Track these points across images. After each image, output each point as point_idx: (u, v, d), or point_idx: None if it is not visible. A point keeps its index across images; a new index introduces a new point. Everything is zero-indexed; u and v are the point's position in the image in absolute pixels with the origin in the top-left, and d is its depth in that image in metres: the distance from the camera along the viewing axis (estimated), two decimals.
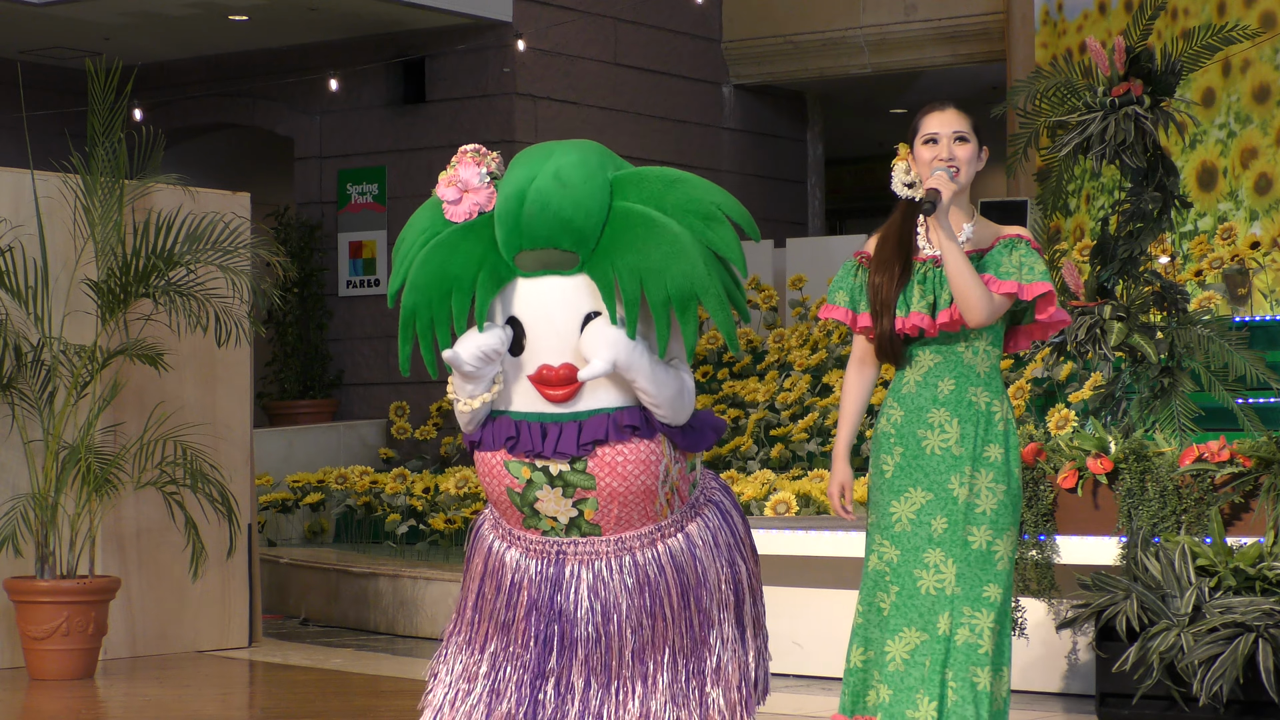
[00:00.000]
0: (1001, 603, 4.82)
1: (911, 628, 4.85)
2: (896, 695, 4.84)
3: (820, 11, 15.63)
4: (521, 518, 4.49)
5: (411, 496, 11.77)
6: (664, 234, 4.34)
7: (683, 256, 4.33)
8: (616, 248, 4.35)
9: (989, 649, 4.80)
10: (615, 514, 4.43)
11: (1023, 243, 4.89)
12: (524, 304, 4.41)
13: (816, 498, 9.42)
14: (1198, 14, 12.54)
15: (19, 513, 8.27)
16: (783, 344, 12.50)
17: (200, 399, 9.17)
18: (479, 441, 4.46)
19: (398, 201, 14.33)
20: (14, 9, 13.20)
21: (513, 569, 4.53)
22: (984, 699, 4.78)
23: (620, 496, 4.41)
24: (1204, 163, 12.63)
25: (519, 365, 4.42)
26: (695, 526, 4.56)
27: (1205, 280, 11.20)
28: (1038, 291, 4.83)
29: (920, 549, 4.86)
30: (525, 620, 4.49)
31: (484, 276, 4.40)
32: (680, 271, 4.32)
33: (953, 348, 4.89)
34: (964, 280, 4.79)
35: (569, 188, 4.36)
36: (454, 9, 13.57)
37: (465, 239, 4.44)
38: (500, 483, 4.45)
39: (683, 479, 4.53)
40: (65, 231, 8.64)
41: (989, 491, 4.84)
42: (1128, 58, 7.01)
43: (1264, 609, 6.25)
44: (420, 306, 4.42)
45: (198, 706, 7.68)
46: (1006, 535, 4.85)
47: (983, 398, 4.87)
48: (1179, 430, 6.97)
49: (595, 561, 4.47)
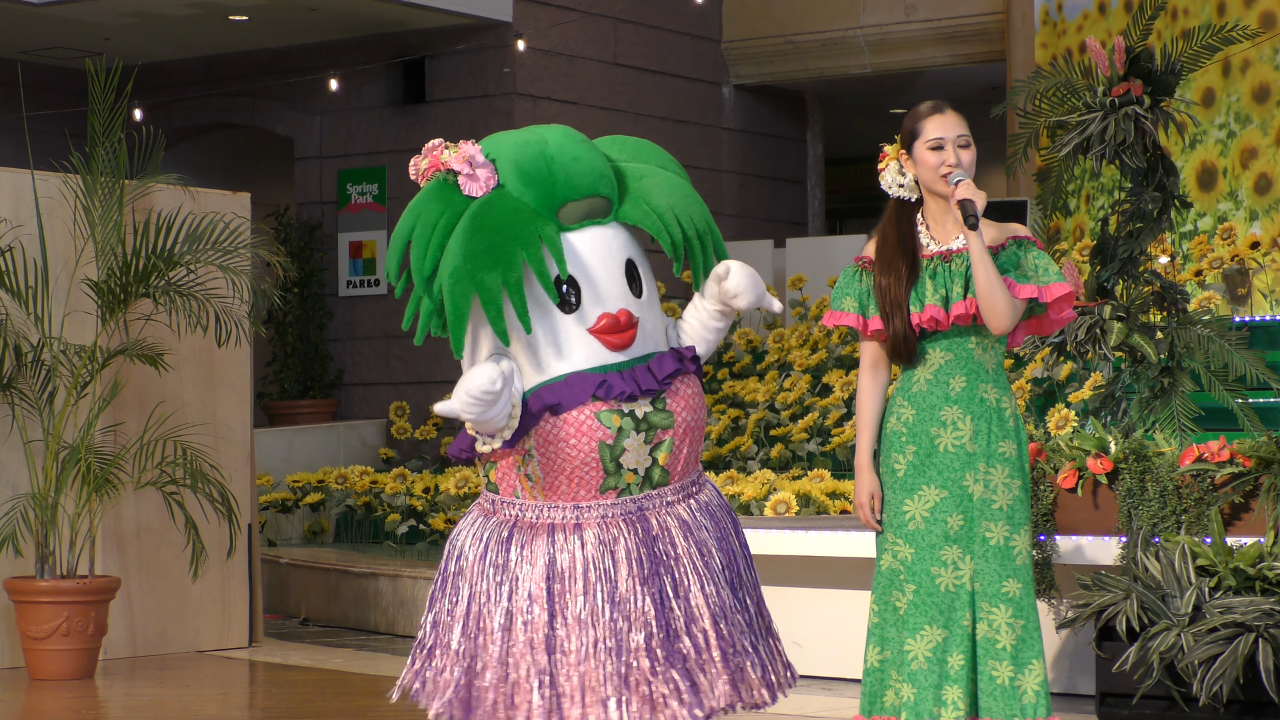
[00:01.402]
0: (1020, 597, 4.86)
1: (933, 625, 4.87)
2: (921, 693, 4.86)
3: (820, 11, 15.63)
4: (600, 479, 4.45)
5: (411, 496, 11.77)
6: (670, 180, 4.64)
7: (693, 197, 4.64)
8: (643, 195, 4.56)
9: (1007, 644, 4.83)
10: (685, 454, 4.54)
11: (1031, 245, 4.93)
12: (572, 258, 4.47)
13: (816, 498, 9.42)
14: (1198, 14, 12.54)
15: (19, 513, 8.27)
16: (783, 344, 12.50)
17: (200, 399, 9.17)
18: (557, 405, 4.41)
19: (398, 201, 14.33)
20: (14, 9, 13.19)
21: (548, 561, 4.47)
22: (1009, 693, 4.81)
23: (692, 432, 4.56)
24: (1204, 163, 12.62)
25: (576, 320, 4.45)
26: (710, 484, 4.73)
27: (1205, 280, 11.20)
28: (1058, 293, 4.89)
29: (936, 546, 4.88)
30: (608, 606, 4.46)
31: (546, 231, 4.43)
32: (698, 211, 4.62)
33: (964, 344, 4.91)
34: (995, 292, 4.83)
35: (585, 143, 4.57)
36: (454, 9, 13.57)
37: (494, 206, 4.45)
38: (592, 438, 4.42)
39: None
40: (65, 231, 8.64)
41: (1005, 487, 4.88)
42: (1128, 58, 7.01)
43: (1264, 609, 6.25)
44: (482, 272, 4.34)
45: (198, 706, 7.68)
46: (1024, 530, 4.89)
47: (992, 394, 4.90)
48: (1179, 430, 6.97)
49: (675, 508, 4.55)
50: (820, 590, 7.78)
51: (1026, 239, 4.94)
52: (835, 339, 12.18)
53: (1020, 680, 4.83)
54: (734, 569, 4.61)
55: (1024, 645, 4.84)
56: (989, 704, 4.83)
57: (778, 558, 7.75)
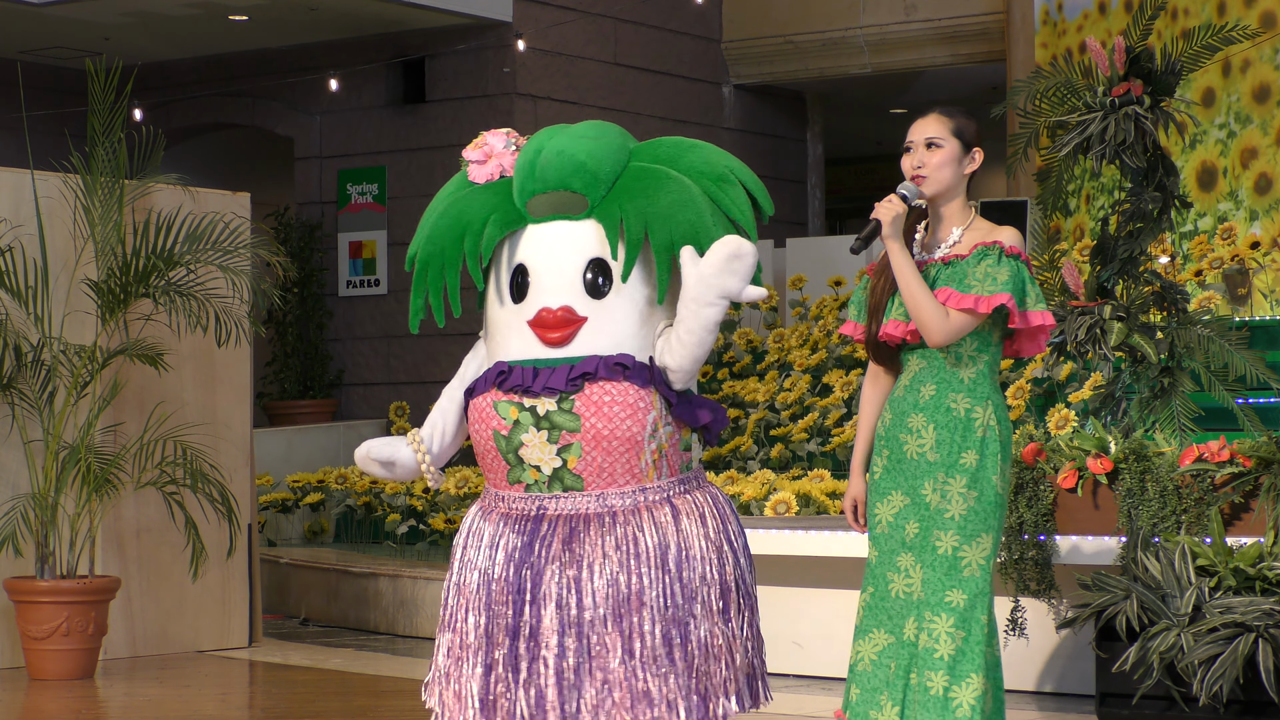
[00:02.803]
0: (965, 609, 4.77)
1: (880, 629, 4.87)
2: (863, 695, 4.87)
3: (820, 11, 15.63)
4: (506, 469, 4.44)
5: (411, 496, 11.77)
6: (674, 184, 4.46)
7: (690, 206, 4.42)
8: (626, 195, 4.45)
9: (946, 654, 4.76)
10: (599, 462, 4.36)
11: (994, 250, 4.82)
12: (530, 248, 4.48)
13: (816, 498, 9.42)
14: (1198, 14, 12.54)
15: (19, 513, 8.27)
16: (783, 344, 12.50)
17: (200, 399, 9.17)
18: (471, 389, 4.50)
19: (398, 201, 14.33)
20: (14, 9, 13.19)
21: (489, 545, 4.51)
22: (941, 704, 4.75)
23: (605, 441, 4.35)
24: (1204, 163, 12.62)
25: (520, 311, 4.46)
26: (684, 502, 4.46)
27: (1205, 280, 11.20)
28: (994, 304, 4.77)
29: (895, 552, 4.88)
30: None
31: (495, 218, 4.50)
32: (685, 219, 4.41)
33: (935, 353, 4.89)
34: (914, 304, 4.80)
35: (583, 139, 4.51)
36: (454, 9, 13.57)
37: (482, 193, 4.58)
38: (488, 426, 4.42)
39: (674, 446, 4.45)
40: (65, 231, 8.64)
41: (960, 498, 4.82)
42: (1128, 58, 7.01)
43: (1264, 609, 6.25)
44: (433, 255, 4.52)
45: (198, 706, 7.68)
46: (976, 542, 4.80)
47: (962, 404, 4.84)
48: (1179, 430, 6.96)
49: (574, 523, 4.40)
50: (820, 590, 7.78)
51: (990, 246, 4.83)
52: (835, 339, 12.18)
53: (955, 692, 4.74)
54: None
55: (963, 657, 4.76)
56: (917, 713, 4.75)
57: (778, 558, 7.75)
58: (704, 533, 4.45)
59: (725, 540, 4.49)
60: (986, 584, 4.82)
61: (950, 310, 4.79)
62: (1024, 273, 4.84)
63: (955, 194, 4.93)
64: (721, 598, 4.44)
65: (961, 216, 4.93)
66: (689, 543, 4.42)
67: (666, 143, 4.58)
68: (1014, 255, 4.81)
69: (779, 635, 7.84)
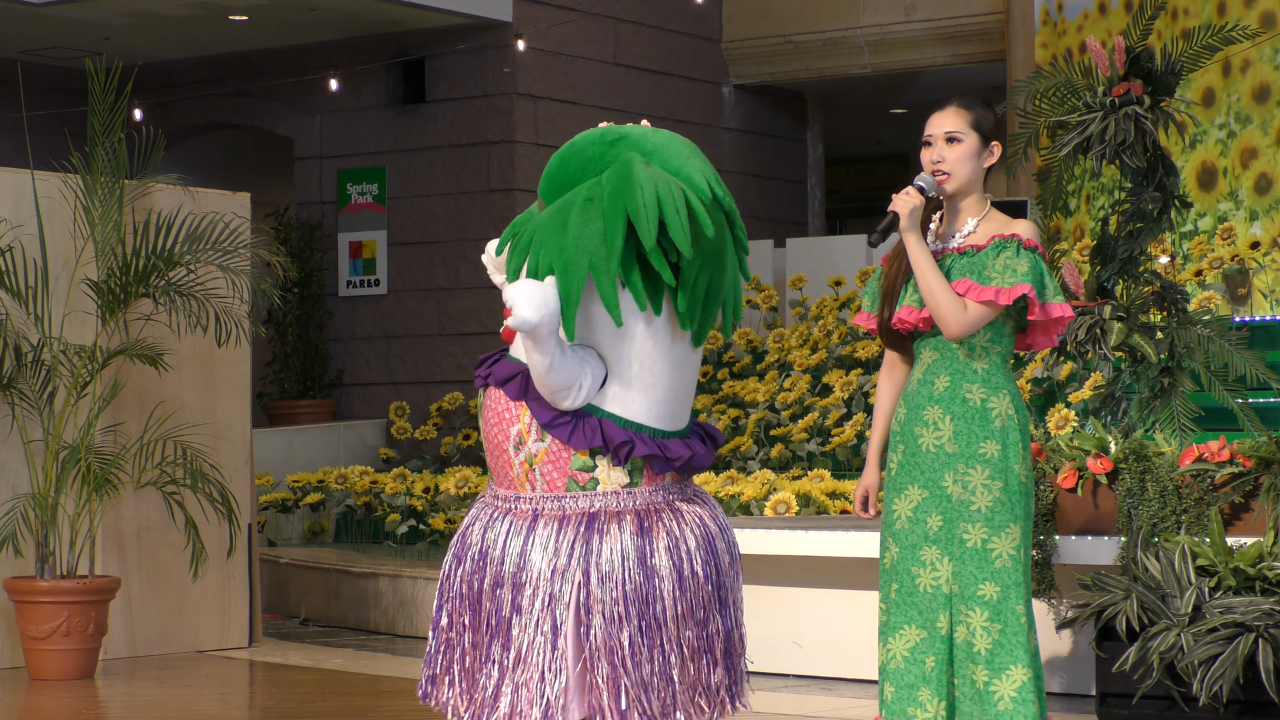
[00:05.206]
0: (998, 600, 4.79)
1: (911, 625, 4.86)
2: (899, 692, 4.87)
3: (820, 12, 15.63)
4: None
5: (411, 496, 11.77)
6: (565, 207, 4.36)
7: (563, 229, 4.32)
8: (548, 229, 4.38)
9: (983, 648, 4.79)
10: (488, 459, 4.50)
11: (1013, 243, 4.86)
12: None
13: (816, 498, 9.43)
14: (1198, 14, 12.54)
15: (19, 513, 8.27)
16: (783, 344, 12.50)
17: (200, 399, 9.17)
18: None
19: (398, 201, 14.33)
20: (14, 9, 13.19)
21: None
22: (985, 698, 4.78)
23: (495, 445, 4.43)
24: (1204, 163, 12.62)
25: None
26: (547, 526, 4.37)
27: (1205, 280, 11.20)
28: (1015, 295, 4.80)
29: (917, 546, 4.87)
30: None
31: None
32: (557, 245, 4.31)
33: (948, 344, 4.90)
34: (932, 297, 4.81)
35: (597, 142, 4.47)
36: (454, 9, 13.57)
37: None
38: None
39: (553, 464, 4.36)
40: (65, 231, 8.64)
41: (984, 488, 4.83)
42: (1128, 58, 7.01)
43: (1264, 609, 6.25)
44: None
45: (198, 706, 7.68)
46: (1005, 533, 4.82)
47: (978, 394, 4.85)
48: (1179, 430, 6.96)
49: (486, 510, 4.51)
50: (820, 590, 7.78)
51: (1009, 238, 4.86)
52: (835, 339, 12.18)
53: (996, 685, 4.77)
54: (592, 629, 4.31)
55: (1001, 650, 4.79)
56: (966, 708, 4.80)
57: (778, 558, 7.75)
58: (566, 564, 4.32)
59: (583, 567, 4.33)
60: (1019, 574, 4.82)
61: (969, 302, 4.81)
62: (1041, 265, 4.87)
63: (974, 187, 4.96)
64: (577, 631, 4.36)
65: (978, 208, 4.97)
66: (526, 570, 4.35)
67: (669, 141, 4.66)
68: (1031, 248, 4.84)
69: (779, 635, 7.84)
